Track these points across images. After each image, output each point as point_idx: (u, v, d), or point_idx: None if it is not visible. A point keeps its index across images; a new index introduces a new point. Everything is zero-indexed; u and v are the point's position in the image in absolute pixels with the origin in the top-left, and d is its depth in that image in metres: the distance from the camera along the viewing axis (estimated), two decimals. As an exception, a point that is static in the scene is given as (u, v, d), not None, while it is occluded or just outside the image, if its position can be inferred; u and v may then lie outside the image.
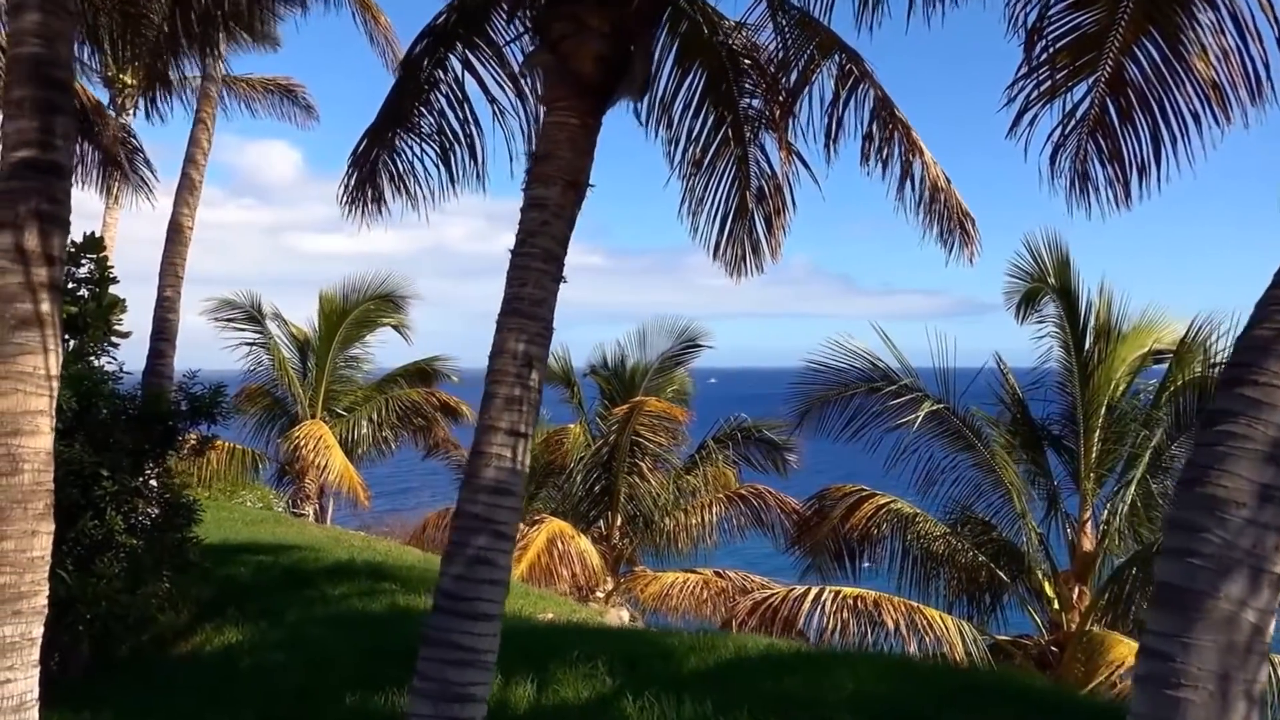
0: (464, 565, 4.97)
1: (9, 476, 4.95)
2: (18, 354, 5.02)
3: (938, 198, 8.65)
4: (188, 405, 9.75)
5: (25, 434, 5.01)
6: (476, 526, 5.04)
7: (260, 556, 12.28)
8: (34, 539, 5.03)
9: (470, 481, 5.18)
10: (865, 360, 13.83)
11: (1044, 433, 13.95)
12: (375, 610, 10.02)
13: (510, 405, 5.16)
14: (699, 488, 18.58)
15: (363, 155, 7.77)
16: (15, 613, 4.93)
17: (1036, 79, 7.10)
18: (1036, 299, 14.08)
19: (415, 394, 20.74)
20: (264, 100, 23.87)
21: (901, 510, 14.14)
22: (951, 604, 13.91)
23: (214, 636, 9.42)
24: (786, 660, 7.42)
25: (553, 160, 5.46)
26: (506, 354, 5.21)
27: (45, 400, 5.12)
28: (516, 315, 5.27)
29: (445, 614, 5.04)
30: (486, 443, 5.16)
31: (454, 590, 5.02)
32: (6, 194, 5.14)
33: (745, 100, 8.64)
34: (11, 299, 5.03)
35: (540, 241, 5.34)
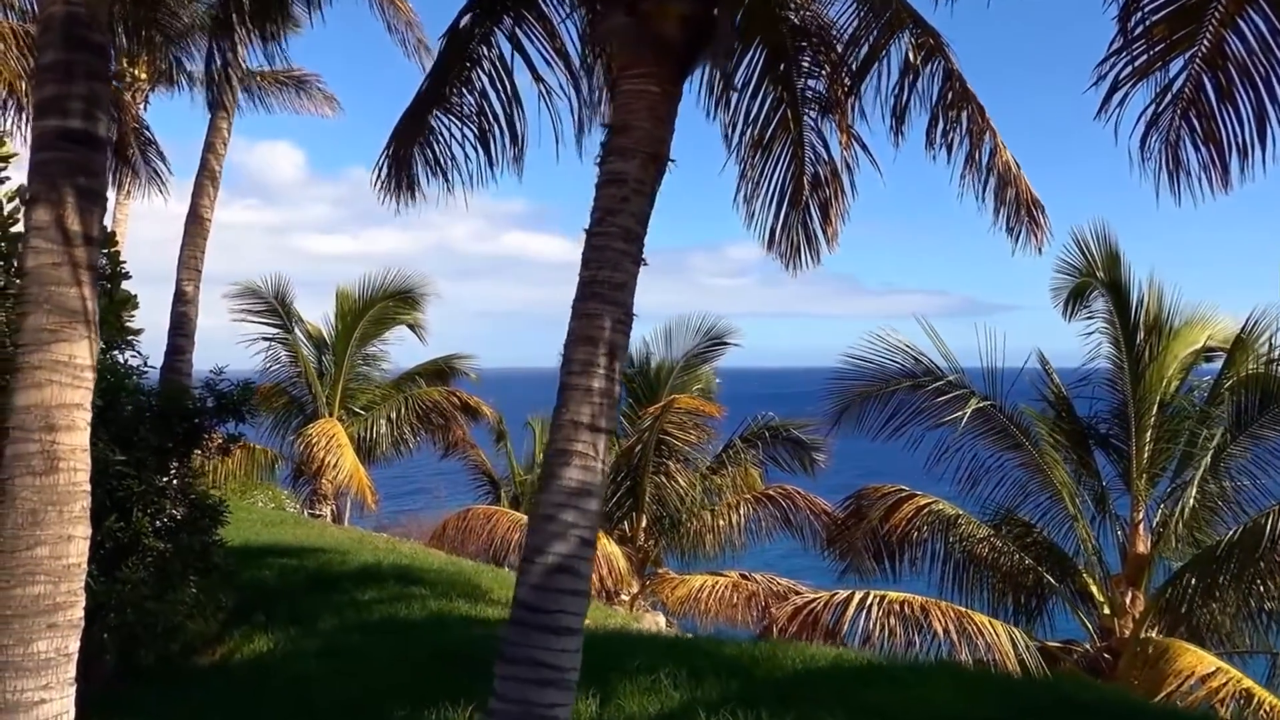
0: (544, 574, 4.52)
1: (44, 476, 4.51)
2: (52, 342, 4.58)
3: (1008, 183, 8.23)
4: (214, 402, 9.31)
5: (61, 429, 4.57)
6: (557, 531, 4.59)
7: (284, 559, 11.84)
8: (69, 544, 4.58)
9: (549, 482, 4.72)
10: (908, 355, 13.37)
11: (1091, 431, 13.48)
12: (410, 616, 9.58)
13: (591, 398, 4.71)
14: (726, 488, 18.13)
15: (400, 137, 7.39)
16: (50, 626, 4.49)
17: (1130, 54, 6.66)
18: (1085, 295, 13.63)
19: (435, 392, 20.29)
20: (278, 94, 23.44)
21: (943, 511, 13.66)
22: (996, 608, 13.47)
23: (243, 644, 8.98)
24: (860, 673, 6.97)
25: (631, 131, 5.02)
26: (586, 342, 4.76)
27: (82, 393, 4.68)
28: (596, 300, 4.82)
29: (524, 628, 4.59)
30: (566, 440, 4.71)
31: (533, 601, 4.57)
32: (41, 167, 4.70)
33: (803, 81, 8.20)
34: (47, 281, 4.59)
35: (620, 220, 4.89)
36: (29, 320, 4.61)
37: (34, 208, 4.67)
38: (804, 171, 8.45)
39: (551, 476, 4.73)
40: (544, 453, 4.88)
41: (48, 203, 4.62)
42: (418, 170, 7.34)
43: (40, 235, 4.62)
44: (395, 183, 7.11)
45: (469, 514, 19.16)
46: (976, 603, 13.39)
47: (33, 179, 4.71)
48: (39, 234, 4.62)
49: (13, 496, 4.49)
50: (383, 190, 7.02)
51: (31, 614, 4.44)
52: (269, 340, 19.51)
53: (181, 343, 13.49)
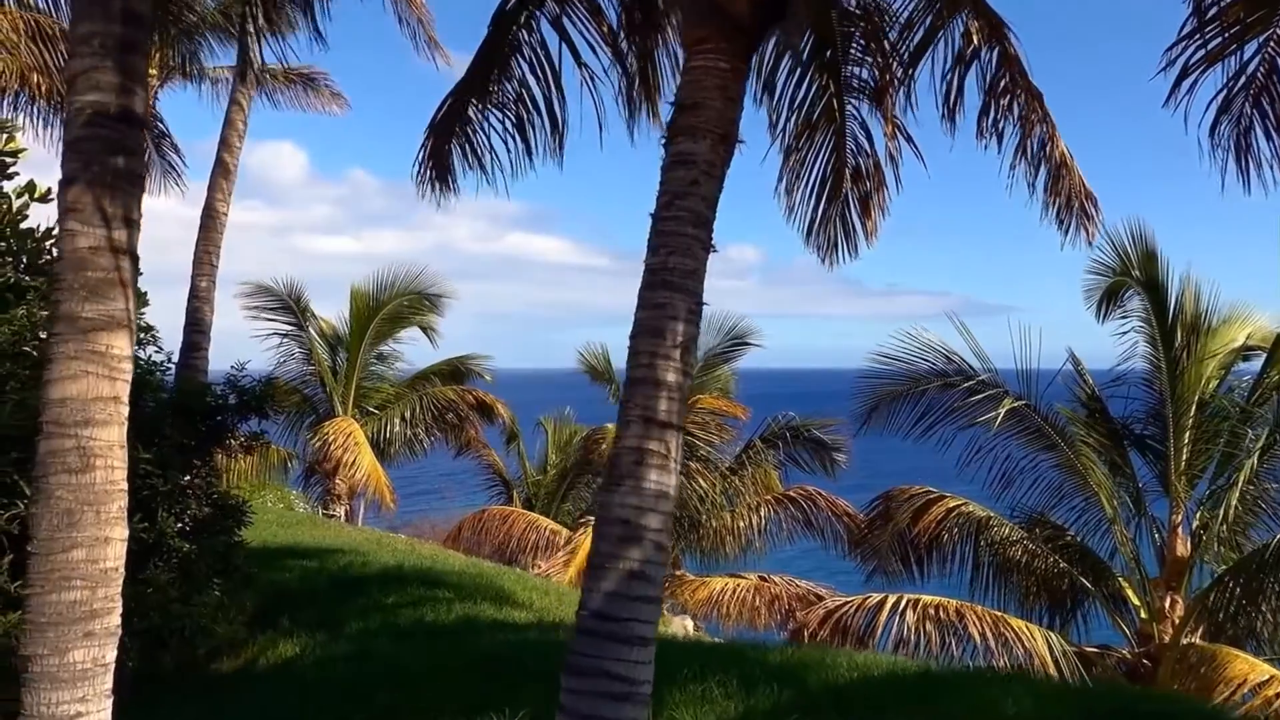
0: (617, 581, 4.23)
1: (79, 474, 4.22)
2: (89, 330, 4.29)
3: (1062, 175, 7.95)
4: (236, 399, 9.04)
5: (97, 424, 4.28)
6: (629, 535, 4.30)
7: (305, 561, 11.56)
8: (107, 547, 4.30)
9: (620, 483, 4.43)
10: (939, 354, 13.08)
11: (1127, 432, 13.18)
12: (438, 620, 9.30)
13: (662, 393, 4.42)
14: (745, 489, 17.83)
15: (438, 129, 7.16)
16: (87, 634, 4.20)
17: (1202, 37, 6.39)
18: (1119, 294, 13.34)
19: (451, 391, 20.00)
20: (286, 91, 23.19)
21: (973, 513, 13.37)
22: (1028, 612, 13.18)
23: (268, 649, 8.70)
24: (920, 681, 6.68)
25: (701, 110, 4.73)
26: (656, 333, 4.47)
27: (120, 385, 4.39)
28: (665, 289, 4.53)
29: (595, 637, 4.29)
30: (637, 437, 4.42)
31: (605, 610, 4.28)
32: (76, 145, 4.41)
33: (849, 69, 7.92)
34: (83, 265, 4.30)
35: (689, 204, 4.60)
36: (63, 308, 4.33)
37: (69, 188, 4.38)
38: (845, 163, 8.19)
39: (624, 477, 4.44)
40: (611, 451, 4.58)
41: (84, 183, 4.34)
42: (454, 162, 7.11)
43: (76, 217, 4.34)
44: (433, 175, 6.86)
45: (485, 515, 18.91)
46: (1009, 606, 13.11)
47: (68, 158, 4.42)
48: (75, 216, 4.34)
49: (47, 496, 4.21)
50: (421, 183, 6.78)
51: (67, 621, 4.16)
52: (283, 337, 19.26)
53: (197, 339, 13.22)
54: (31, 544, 4.23)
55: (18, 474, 6.91)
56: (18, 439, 7.10)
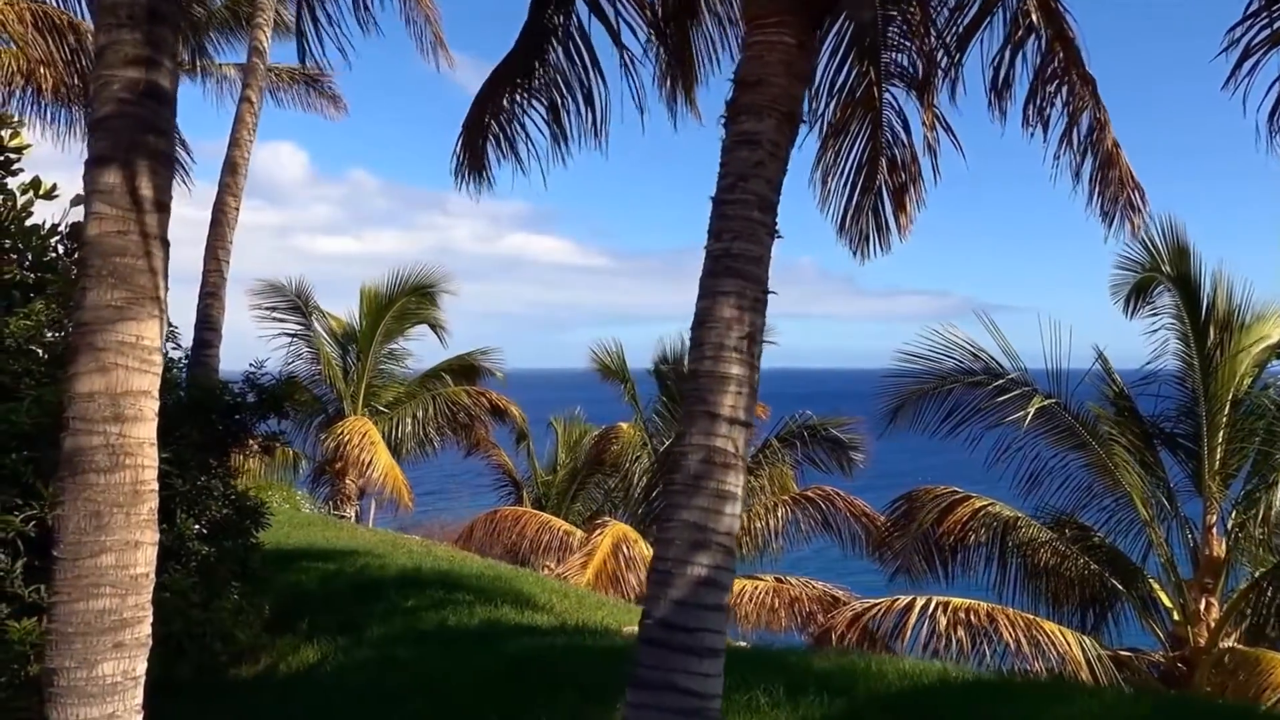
0: (685, 588, 3.96)
1: (108, 474, 3.94)
2: (118, 320, 4.01)
3: (1112, 164, 7.70)
4: (255, 397, 8.77)
5: (127, 420, 4.01)
6: (699, 540, 4.03)
7: (321, 564, 11.27)
8: (137, 551, 4.02)
9: (685, 485, 4.15)
10: (966, 351, 12.83)
11: (1156, 431, 12.91)
12: (461, 624, 9.02)
13: (729, 387, 4.15)
14: (763, 489, 17.56)
15: (473, 120, 6.96)
16: (117, 645, 3.92)
17: (1269, 16, 6.12)
18: (1149, 290, 13.07)
19: (464, 393, 19.73)
20: (289, 90, 23.00)
21: (1000, 513, 13.10)
22: (1057, 614, 12.92)
23: (287, 654, 8.42)
24: (973, 689, 6.40)
25: (765, 88, 4.45)
26: (720, 323, 4.20)
27: (150, 378, 4.12)
28: (730, 276, 4.26)
29: (662, 649, 4.01)
30: (703, 434, 4.15)
31: (674, 619, 4.00)
32: (105, 123, 4.13)
33: (890, 55, 7.65)
34: (111, 252, 4.03)
35: (754, 186, 4.33)
36: (90, 296, 4.05)
37: (97, 169, 4.10)
38: (880, 153, 7.93)
39: (691, 478, 4.16)
40: (674, 450, 4.31)
41: (114, 163, 4.06)
42: (490, 152, 6.90)
43: (104, 200, 4.06)
44: (469, 167, 6.64)
45: (497, 515, 18.65)
46: (1037, 609, 12.86)
47: (95, 136, 4.14)
48: (103, 199, 4.06)
49: (74, 497, 3.93)
50: (459, 176, 6.59)
51: (96, 632, 3.88)
52: (292, 337, 18.98)
53: (208, 337, 12.95)
54: (56, 548, 3.96)
55: (33, 473, 6.64)
56: (32, 436, 6.84)
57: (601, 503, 22.18)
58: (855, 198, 8.03)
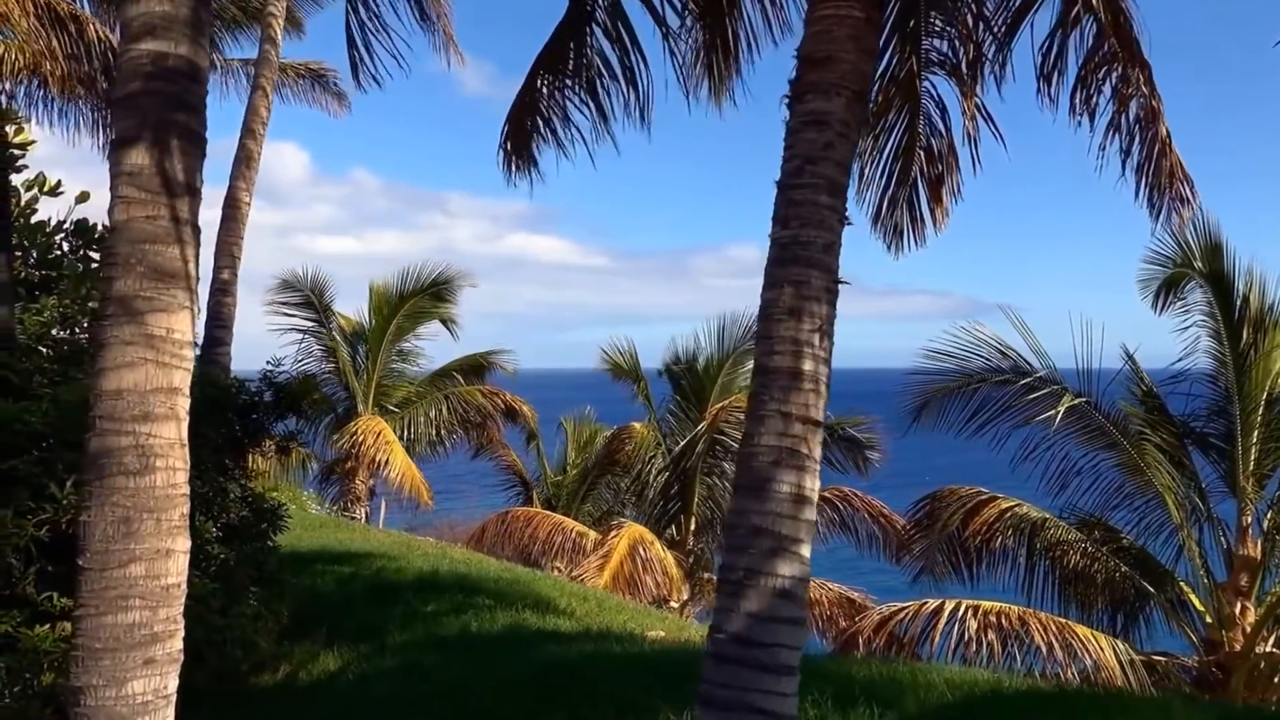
0: (760, 600, 3.68)
1: (138, 476, 3.66)
2: (148, 311, 3.73)
3: (1164, 154, 7.43)
4: (273, 396, 8.50)
5: (157, 419, 3.73)
6: (772, 548, 3.75)
7: (336, 566, 11.00)
8: (168, 560, 3.75)
9: (763, 488, 3.86)
10: (993, 349, 12.54)
11: (1187, 430, 12.63)
12: (484, 630, 8.75)
13: (803, 384, 3.88)
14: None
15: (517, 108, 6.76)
16: (148, 662, 3.65)
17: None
18: (1179, 286, 12.78)
19: (478, 392, 19.45)
20: (294, 85, 22.73)
21: (1028, 515, 12.82)
22: (1086, 618, 12.64)
23: (307, 662, 8.14)
24: (1031, 699, 6.12)
25: (834, 64, 4.17)
26: (791, 315, 3.92)
27: (181, 374, 3.84)
28: (800, 265, 3.98)
29: (735, 666, 3.73)
30: (776, 435, 3.87)
31: (748, 634, 3.72)
32: (131, 100, 3.85)
33: (929, 41, 7.39)
34: (140, 238, 3.75)
35: (823, 169, 4.06)
36: (117, 286, 3.77)
37: (124, 150, 3.82)
38: (916, 143, 7.67)
39: (764, 480, 3.88)
40: (742, 451, 4.03)
41: (143, 144, 3.78)
42: (535, 141, 6.71)
43: (132, 183, 3.78)
44: (516, 156, 6.42)
45: (509, 516, 18.40)
46: (1067, 612, 12.58)
47: (122, 115, 3.87)
48: (131, 181, 3.78)
49: (101, 502, 3.66)
50: (507, 167, 6.37)
51: (125, 647, 3.61)
52: (303, 334, 18.71)
53: (220, 334, 12.66)
54: (82, 557, 3.68)
55: (45, 475, 6.36)
56: (46, 438, 6.57)
57: (612, 503, 21.94)
58: (890, 189, 7.79)
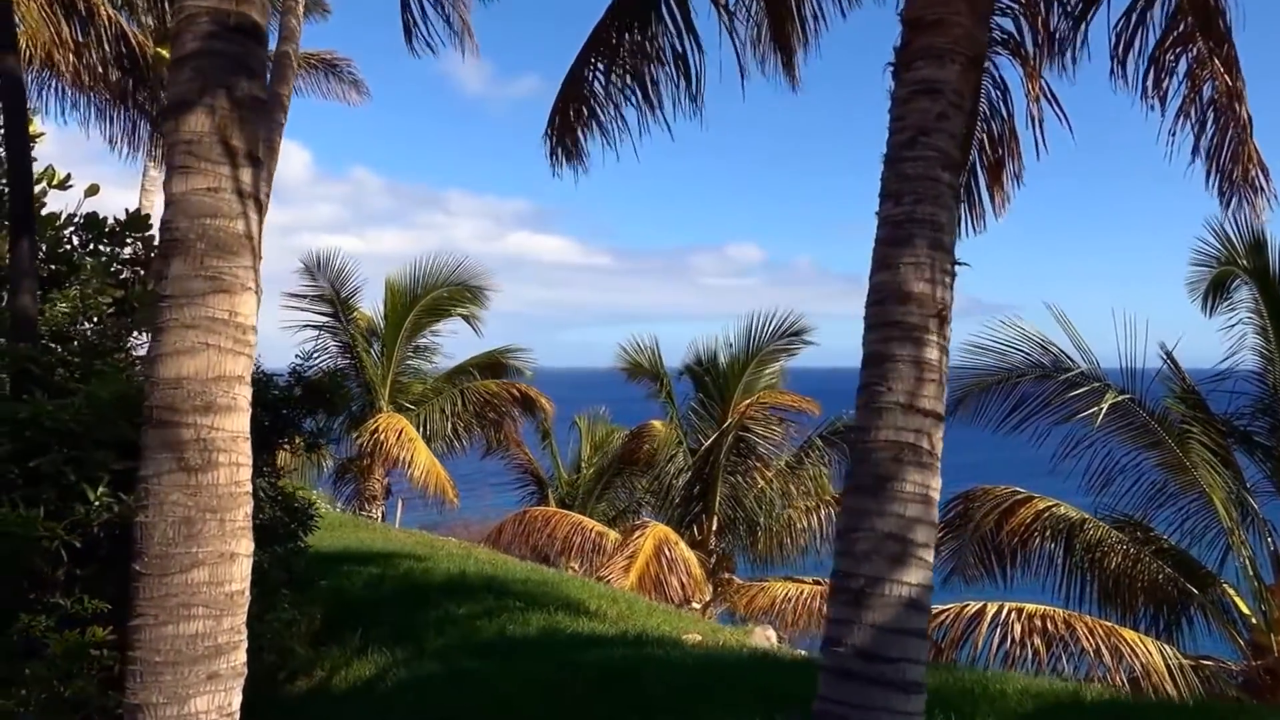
0: (885, 611, 3.36)
1: (200, 473, 3.34)
2: (210, 292, 3.41)
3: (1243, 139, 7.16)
4: (301, 391, 8.17)
5: (219, 411, 3.41)
6: (897, 553, 3.43)
7: (363, 568, 10.68)
8: (232, 565, 3.42)
9: (877, 487, 3.54)
10: (1035, 344, 12.23)
11: (1230, 429, 12.31)
12: (520, 634, 8.43)
13: (923, 373, 3.55)
14: (807, 488, 16.98)
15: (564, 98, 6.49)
16: (211, 676, 3.32)
17: None
18: (1226, 285, 12.49)
19: (493, 385, 19.11)
20: (308, 76, 22.39)
21: (1066, 515, 12.50)
22: (1126, 621, 12.32)
23: (341, 667, 7.83)
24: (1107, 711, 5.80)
25: (946, 28, 3.85)
26: (908, 299, 3.60)
27: (244, 361, 3.52)
28: (916, 244, 3.66)
29: (858, 682, 3.41)
30: (893, 429, 3.55)
31: (875, 648, 3.39)
32: (190, 62, 3.53)
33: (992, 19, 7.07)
34: (201, 212, 3.42)
35: (937, 141, 3.74)
36: (175, 265, 3.45)
37: (182, 116, 3.50)
38: (974, 126, 7.36)
39: (884, 479, 3.55)
40: (856, 447, 3.70)
41: (202, 109, 3.46)
42: (581, 130, 6.44)
43: (191, 152, 3.46)
44: (562, 144, 6.15)
45: (526, 516, 18.10)
46: (1108, 615, 12.27)
47: (180, 79, 3.54)
48: (190, 150, 3.46)
49: (160, 501, 3.33)
50: (553, 156, 6.10)
51: (187, 660, 3.28)
52: (318, 329, 18.36)
53: (239, 329, 12.31)
54: (139, 561, 3.36)
55: (77, 474, 6.03)
56: (74, 435, 6.23)
57: (628, 502, 21.65)
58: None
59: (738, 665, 7.76)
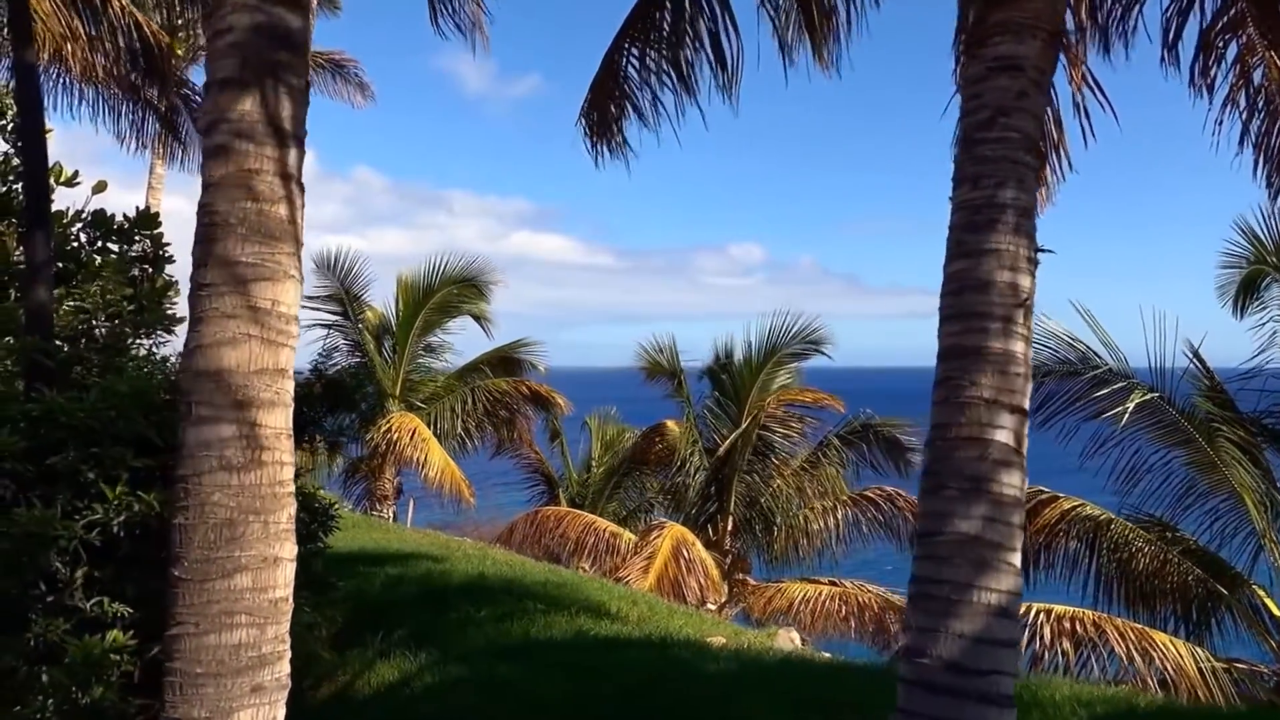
0: (977, 620, 3.15)
1: (243, 472, 3.15)
2: (252, 280, 3.21)
3: (1291, 125, 6.94)
4: (322, 388, 7.96)
5: (262, 406, 3.21)
6: (985, 559, 3.21)
7: (378, 568, 10.48)
8: (276, 570, 3.23)
9: (965, 488, 3.32)
10: (1062, 340, 12.03)
11: (1260, 427, 12.10)
12: (544, 637, 8.24)
13: (1008, 367, 3.34)
14: (823, 488, 16.76)
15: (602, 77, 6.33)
16: (256, 689, 3.13)
17: None
18: (1257, 284, 12.31)
19: (504, 383, 18.90)
20: (315, 75, 22.17)
21: (1091, 515, 12.29)
22: (1154, 623, 12.12)
23: (363, 671, 7.62)
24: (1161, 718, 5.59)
25: (1025, 1, 3.63)
26: (983, 286, 3.39)
27: (287, 353, 3.33)
28: (998, 230, 3.44)
29: (947, 696, 3.20)
30: (977, 426, 3.34)
31: (962, 659, 3.18)
32: (231, 36, 3.33)
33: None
34: (245, 195, 3.22)
35: (1017, 122, 3.52)
36: (216, 249, 3.25)
37: (224, 94, 3.31)
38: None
39: (968, 479, 3.33)
40: (937, 445, 3.49)
41: (243, 86, 3.26)
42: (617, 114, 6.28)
43: (232, 131, 3.26)
44: (600, 126, 5.97)
45: (539, 515, 17.90)
46: (1134, 616, 12.07)
47: (219, 55, 3.34)
48: (232, 130, 3.26)
49: (200, 502, 3.14)
50: (591, 140, 5.93)
51: (230, 672, 3.09)
52: (328, 328, 18.16)
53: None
54: (177, 566, 3.16)
55: (95, 472, 5.82)
56: (91, 431, 6.02)
57: (639, 501, 21.45)
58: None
59: (772, 671, 7.56)
